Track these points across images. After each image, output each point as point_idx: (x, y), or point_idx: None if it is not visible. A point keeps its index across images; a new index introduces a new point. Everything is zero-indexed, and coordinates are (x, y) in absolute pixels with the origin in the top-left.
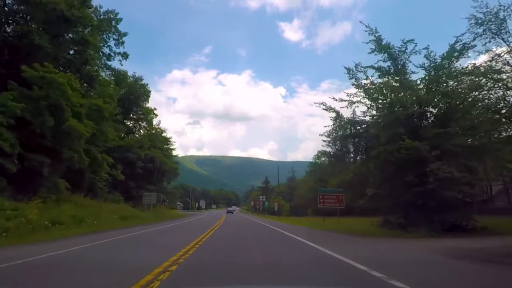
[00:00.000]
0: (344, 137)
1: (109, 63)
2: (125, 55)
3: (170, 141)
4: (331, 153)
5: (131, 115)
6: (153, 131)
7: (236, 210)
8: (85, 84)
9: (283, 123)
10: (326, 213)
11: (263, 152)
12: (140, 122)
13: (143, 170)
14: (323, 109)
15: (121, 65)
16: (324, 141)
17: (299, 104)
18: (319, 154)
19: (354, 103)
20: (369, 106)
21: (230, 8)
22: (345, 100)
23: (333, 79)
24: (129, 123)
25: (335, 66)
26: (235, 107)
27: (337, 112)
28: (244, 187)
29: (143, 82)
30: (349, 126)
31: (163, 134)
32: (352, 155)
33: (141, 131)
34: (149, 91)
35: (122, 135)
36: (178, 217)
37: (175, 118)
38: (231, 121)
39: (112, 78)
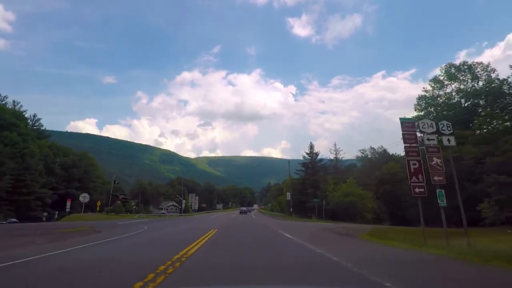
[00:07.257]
0: None
1: None
2: None
3: None
4: None
5: None
6: None
7: (254, 210)
8: None
9: (295, 121)
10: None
11: (276, 151)
12: None
13: None
14: None
15: None
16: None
17: (310, 101)
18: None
19: None
20: None
21: (237, 6)
22: None
23: (344, 74)
24: None
25: (345, 61)
26: (246, 107)
27: None
28: (258, 186)
29: None
30: None
31: None
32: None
33: None
34: None
35: None
36: None
37: (186, 121)
38: (242, 121)
39: None
